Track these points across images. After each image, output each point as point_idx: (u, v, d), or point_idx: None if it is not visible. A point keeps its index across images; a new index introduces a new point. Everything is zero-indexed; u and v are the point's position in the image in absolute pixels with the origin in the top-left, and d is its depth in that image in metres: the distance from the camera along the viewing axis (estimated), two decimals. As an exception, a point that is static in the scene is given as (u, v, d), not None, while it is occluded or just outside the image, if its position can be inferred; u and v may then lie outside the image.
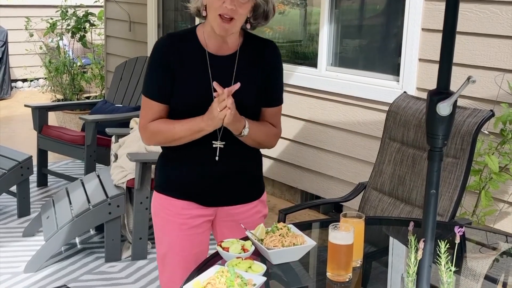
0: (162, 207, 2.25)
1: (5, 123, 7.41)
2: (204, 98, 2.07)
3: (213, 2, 2.02)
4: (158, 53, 2.13)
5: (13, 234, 4.18)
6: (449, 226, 2.41)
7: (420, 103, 2.93)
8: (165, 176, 2.25)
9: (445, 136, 1.58)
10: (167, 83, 2.10)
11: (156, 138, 2.18)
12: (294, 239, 1.98)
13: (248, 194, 2.28)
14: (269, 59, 2.20)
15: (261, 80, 2.17)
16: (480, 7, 3.46)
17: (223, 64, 2.13)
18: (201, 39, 2.13)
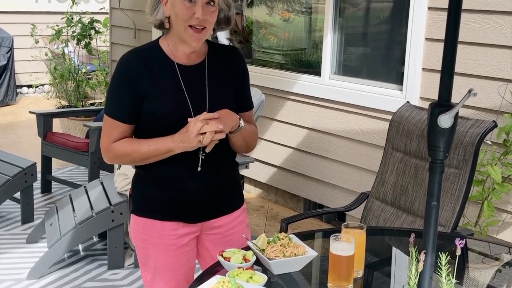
0: (144, 231, 2.13)
1: (10, 129, 7.44)
2: (180, 111, 2.02)
3: (182, 14, 1.96)
4: (123, 72, 2.04)
5: (17, 240, 4.19)
6: (451, 237, 2.40)
7: (423, 113, 2.94)
8: (145, 198, 2.15)
9: (446, 148, 1.59)
10: (134, 103, 2.01)
11: (121, 160, 2.12)
12: (295, 250, 1.98)
13: (231, 204, 2.24)
14: (237, 64, 2.19)
15: (233, 85, 2.15)
16: (483, 17, 3.46)
17: (194, 74, 2.08)
18: (167, 52, 2.07)
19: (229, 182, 2.22)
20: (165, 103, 2.03)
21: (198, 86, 2.07)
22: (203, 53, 2.12)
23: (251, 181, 5.20)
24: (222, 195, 2.19)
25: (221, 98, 2.08)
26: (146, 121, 2.04)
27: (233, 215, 2.24)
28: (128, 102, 2.03)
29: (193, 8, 1.96)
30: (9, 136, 7.08)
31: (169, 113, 2.02)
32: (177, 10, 1.97)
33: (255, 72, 4.79)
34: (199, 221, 2.17)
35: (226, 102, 2.09)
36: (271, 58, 5.14)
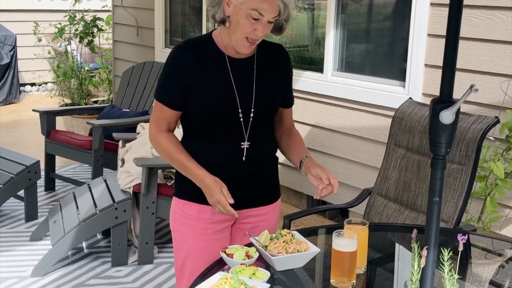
0: (182, 213, 2.24)
1: (13, 127, 7.46)
2: (226, 102, 2.11)
3: (244, 26, 2.02)
4: (175, 60, 2.13)
5: (21, 238, 4.21)
6: (453, 233, 2.41)
7: (425, 110, 2.94)
8: (186, 181, 2.21)
9: (448, 144, 1.59)
10: (182, 90, 2.11)
11: (162, 155, 2.24)
12: (298, 246, 1.98)
13: (267, 196, 2.30)
14: (284, 61, 2.25)
15: (280, 81, 2.22)
16: (486, 13, 3.46)
17: (243, 67, 2.15)
18: (219, 44, 2.14)
19: (268, 174, 2.29)
20: (212, 92, 2.11)
21: (246, 79, 2.14)
22: (253, 48, 2.16)
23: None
24: (260, 186, 2.26)
25: (267, 92, 2.17)
26: (193, 109, 2.13)
27: (268, 208, 2.30)
28: (177, 89, 2.11)
29: (256, 25, 2.01)
30: (13, 134, 7.10)
31: (216, 102, 2.10)
32: (240, 20, 2.02)
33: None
34: (235, 209, 2.20)
35: (272, 98, 2.19)
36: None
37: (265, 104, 2.16)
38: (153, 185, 3.71)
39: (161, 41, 6.29)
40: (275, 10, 2.01)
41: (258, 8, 1.99)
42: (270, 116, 2.22)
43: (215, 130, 2.14)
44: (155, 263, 3.85)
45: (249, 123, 2.14)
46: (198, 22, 5.95)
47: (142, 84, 5.47)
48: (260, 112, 2.15)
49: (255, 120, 2.14)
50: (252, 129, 2.15)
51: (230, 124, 2.13)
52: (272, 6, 2.00)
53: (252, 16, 2.00)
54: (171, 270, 3.76)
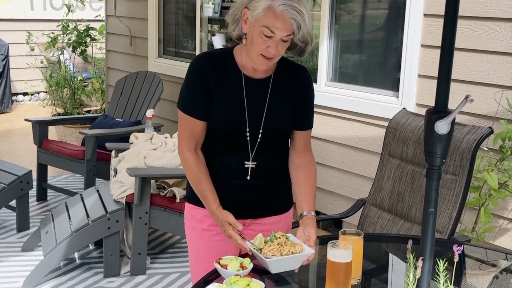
0: (193, 217, 2.27)
1: (5, 136, 7.42)
2: (235, 119, 2.11)
3: (257, 43, 2.02)
4: (197, 70, 2.13)
5: (12, 248, 4.17)
6: (448, 243, 2.40)
7: (419, 120, 2.94)
8: None
9: (443, 154, 1.59)
10: (206, 99, 2.11)
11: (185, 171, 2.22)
12: (292, 248, 1.97)
13: (277, 206, 2.29)
14: (303, 84, 2.22)
15: (295, 104, 2.19)
16: (479, 24, 3.48)
17: (258, 87, 2.15)
18: (238, 61, 2.15)
19: (278, 185, 2.26)
20: (224, 107, 2.11)
21: (259, 99, 2.14)
22: (271, 69, 2.17)
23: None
24: (269, 197, 2.25)
25: (278, 115, 2.16)
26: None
27: (277, 217, 2.28)
28: (201, 98, 2.12)
29: (268, 42, 2.01)
30: (5, 143, 7.06)
31: (224, 118, 2.12)
32: (254, 37, 2.03)
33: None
34: (247, 218, 2.23)
35: (282, 121, 2.17)
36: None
37: (274, 127, 2.15)
38: (146, 195, 3.70)
39: (154, 51, 6.29)
40: (287, 28, 1.99)
41: (270, 26, 1.98)
42: (279, 137, 2.21)
43: (221, 146, 2.15)
44: (147, 274, 3.82)
45: (256, 144, 2.14)
46: (191, 32, 5.96)
47: (135, 94, 5.47)
48: (269, 134, 2.14)
49: (263, 141, 2.14)
50: (259, 149, 2.14)
51: (236, 142, 2.13)
52: (284, 25, 1.98)
53: (264, 33, 1.99)
54: (164, 281, 3.74)
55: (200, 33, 5.81)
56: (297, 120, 2.22)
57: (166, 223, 3.80)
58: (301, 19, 1.98)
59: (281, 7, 1.95)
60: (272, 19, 1.97)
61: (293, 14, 1.96)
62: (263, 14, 1.97)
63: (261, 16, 1.98)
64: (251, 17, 2.01)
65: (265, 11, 1.97)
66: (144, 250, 3.80)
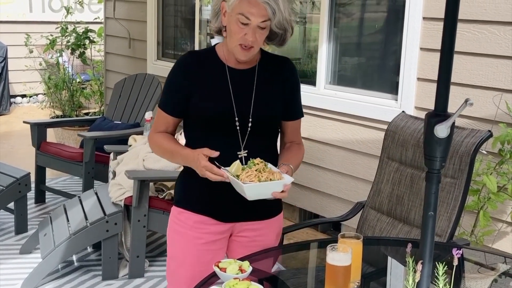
0: (178, 221, 2.26)
1: (3, 139, 7.41)
2: (223, 110, 2.14)
3: (234, 32, 2.08)
4: (179, 69, 2.20)
5: (10, 251, 4.16)
6: (447, 247, 2.40)
7: (418, 123, 2.94)
8: (184, 191, 2.27)
9: (443, 158, 1.59)
10: (182, 98, 2.17)
11: (156, 150, 2.29)
12: (271, 175, 1.95)
13: (266, 210, 2.28)
14: (288, 73, 2.27)
15: (281, 93, 2.23)
16: (478, 27, 3.48)
17: (243, 78, 2.19)
18: (221, 56, 2.20)
19: None
20: (210, 100, 2.15)
21: (245, 89, 2.18)
22: (255, 60, 2.21)
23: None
24: (257, 201, 2.18)
25: (266, 103, 2.19)
26: (192, 116, 2.19)
27: (266, 222, 2.28)
28: (176, 98, 2.20)
29: (245, 29, 2.06)
30: (3, 146, 7.05)
31: (212, 110, 2.15)
32: (231, 27, 2.09)
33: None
34: (230, 221, 2.22)
35: (271, 108, 2.20)
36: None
37: (263, 114, 2.18)
38: (144, 198, 3.69)
39: (153, 53, 6.29)
40: (262, 14, 2.04)
41: (245, 12, 2.03)
42: (269, 126, 2.23)
43: (213, 138, 2.15)
44: (146, 277, 3.82)
45: (246, 133, 2.15)
46: (190, 35, 5.96)
47: (134, 96, 5.46)
48: (258, 122, 2.16)
49: (253, 129, 2.16)
50: (250, 139, 2.16)
51: (227, 132, 2.15)
52: (258, 10, 2.03)
53: (240, 21, 2.05)
54: (162, 284, 3.73)
55: (199, 36, 5.80)
56: (287, 111, 2.26)
57: (165, 226, 3.73)
58: (274, 3, 2.04)
59: None
60: (246, 5, 2.03)
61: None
62: (238, 2, 2.05)
63: (236, 4, 2.05)
64: (228, 8, 2.08)
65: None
66: (143, 252, 3.79)
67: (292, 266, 2.42)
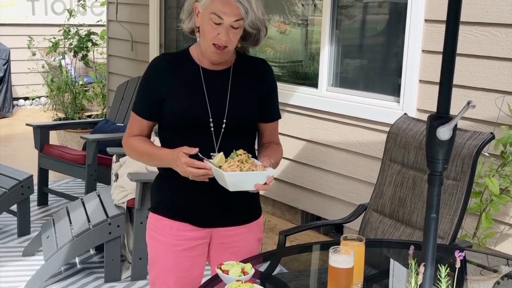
0: (155, 228, 2.23)
1: (6, 141, 7.42)
2: (197, 111, 2.11)
3: (207, 31, 2.06)
4: (152, 72, 2.17)
5: (13, 253, 4.17)
6: (449, 249, 2.40)
7: (421, 125, 2.94)
8: (160, 196, 2.24)
9: (445, 160, 1.59)
10: (155, 101, 2.14)
11: (131, 154, 2.25)
12: (253, 167, 1.94)
13: (244, 215, 2.25)
14: (263, 75, 2.24)
15: (257, 95, 2.20)
16: (480, 30, 3.48)
17: (218, 79, 2.16)
18: (194, 57, 2.18)
19: (246, 192, 2.16)
20: (183, 101, 2.12)
21: (220, 90, 2.15)
22: (230, 61, 2.19)
23: (249, 193, 5.18)
24: (236, 204, 2.19)
25: (241, 105, 2.16)
26: (166, 118, 2.15)
27: (245, 227, 2.25)
28: (149, 100, 2.16)
29: (218, 29, 2.04)
30: (6, 148, 7.06)
31: (186, 112, 2.12)
32: (204, 27, 2.07)
33: (252, 84, 4.79)
34: (208, 226, 2.19)
35: (246, 110, 2.17)
36: (268, 70, 5.13)
37: (238, 115, 2.14)
38: (147, 200, 3.69)
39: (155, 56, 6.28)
40: (234, 13, 2.02)
41: (217, 12, 2.02)
42: (244, 127, 2.17)
43: (187, 139, 2.09)
44: (148, 279, 3.81)
45: (220, 134, 2.12)
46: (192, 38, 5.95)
47: (137, 98, 5.46)
48: (233, 123, 2.13)
49: (227, 131, 2.12)
50: (224, 140, 2.12)
51: (201, 133, 2.11)
52: (230, 9, 2.02)
53: (213, 21, 2.03)
54: (165, 286, 3.73)
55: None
56: (263, 113, 2.23)
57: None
58: (247, 2, 2.02)
59: None
60: (219, 4, 2.02)
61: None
62: (210, 2, 2.03)
63: (208, 4, 2.04)
64: (201, 8, 2.06)
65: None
66: (145, 255, 3.77)
67: (294, 268, 2.42)
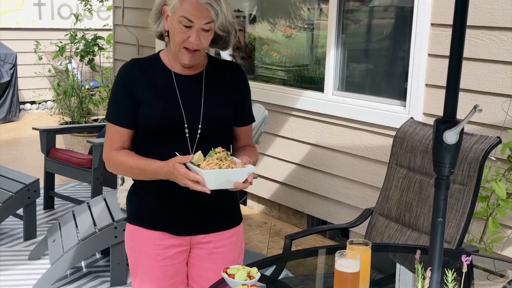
0: (134, 239, 2.18)
1: (13, 145, 7.45)
2: (171, 116, 2.07)
3: (177, 35, 2.02)
4: (122, 79, 2.12)
5: (19, 257, 4.18)
6: (456, 254, 2.39)
7: (427, 129, 2.93)
8: (136, 206, 2.20)
9: (452, 164, 1.58)
10: (131, 107, 2.09)
11: (117, 169, 2.17)
12: (232, 164, 1.90)
13: (222, 221, 2.20)
14: (237, 78, 2.22)
15: (231, 99, 2.17)
16: (486, 33, 3.47)
17: (191, 83, 2.13)
18: (165, 62, 2.14)
19: (224, 199, 2.16)
20: (157, 107, 2.08)
21: (193, 95, 2.12)
22: (202, 65, 2.16)
23: (254, 197, 5.19)
24: (213, 211, 2.16)
25: (216, 108, 2.13)
26: (140, 125, 2.10)
27: (225, 233, 2.21)
28: (125, 107, 2.10)
29: (188, 32, 2.01)
30: (12, 152, 7.09)
31: (160, 117, 2.07)
32: (174, 30, 2.03)
33: (258, 88, 4.80)
34: (186, 234, 2.16)
35: (221, 114, 2.13)
36: (273, 74, 5.14)
37: (213, 120, 2.10)
38: (153, 204, 3.69)
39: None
40: (204, 15, 1.99)
41: (187, 15, 1.99)
42: (219, 132, 2.13)
43: (161, 145, 2.07)
44: None
45: (195, 139, 2.08)
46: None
47: (143, 102, 5.47)
48: (208, 128, 2.09)
49: (202, 135, 2.08)
50: (200, 145, 2.07)
51: (176, 139, 2.08)
52: (200, 12, 1.99)
53: (183, 24, 2.00)
54: (171, 290, 3.73)
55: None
56: (238, 117, 2.20)
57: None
58: (217, 5, 1.99)
59: None
60: (188, 7, 1.99)
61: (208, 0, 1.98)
62: (180, 5, 2.00)
63: (178, 7, 2.00)
64: (170, 11, 2.03)
65: (180, 1, 2.00)
66: (151, 259, 3.79)
67: (300, 273, 2.42)
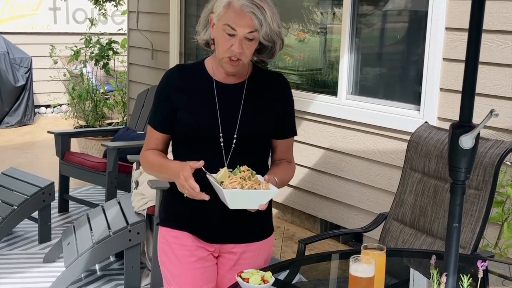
0: (167, 241, 2.19)
1: (28, 148, 7.50)
2: (207, 124, 2.08)
3: (221, 43, 2.02)
4: (163, 84, 2.16)
5: (34, 260, 4.20)
6: (471, 259, 2.38)
7: (442, 134, 2.92)
8: (169, 210, 2.22)
9: (468, 169, 1.58)
10: (168, 113, 2.12)
11: (147, 169, 2.21)
12: (256, 185, 1.88)
13: (252, 233, 2.20)
14: (279, 90, 2.20)
15: (272, 110, 2.16)
16: (501, 38, 3.45)
17: (231, 92, 2.12)
18: (209, 69, 2.15)
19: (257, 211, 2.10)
20: (193, 114, 2.10)
21: (232, 104, 2.11)
22: (245, 74, 2.15)
23: (268, 201, 5.18)
24: (245, 223, 2.15)
25: (253, 119, 2.11)
26: (177, 131, 2.14)
27: (253, 245, 2.21)
28: (163, 112, 2.14)
29: (232, 40, 2.00)
30: (27, 155, 7.14)
31: (195, 124, 2.09)
32: (218, 38, 2.04)
33: (271, 92, 4.80)
34: (215, 243, 2.17)
35: (258, 126, 2.13)
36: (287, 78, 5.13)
37: (249, 131, 2.09)
38: (167, 207, 3.70)
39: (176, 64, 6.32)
40: (248, 24, 1.98)
41: (231, 23, 1.98)
42: (255, 143, 2.13)
43: (196, 153, 2.05)
44: None
45: (230, 149, 2.08)
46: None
47: (157, 106, 5.48)
48: (244, 138, 2.08)
49: (237, 146, 2.08)
50: (235, 155, 2.07)
51: (210, 148, 2.07)
52: (244, 20, 1.97)
53: (227, 32, 2.00)
54: (184, 294, 3.73)
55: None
56: (278, 129, 2.19)
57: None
58: (261, 14, 1.98)
59: (240, 2, 1.97)
60: (232, 15, 1.98)
61: (251, 8, 1.96)
62: (224, 12, 2.00)
63: (222, 14, 2.00)
64: (215, 19, 2.03)
65: (225, 9, 2.00)
66: (165, 262, 3.80)
67: (313, 277, 2.41)
